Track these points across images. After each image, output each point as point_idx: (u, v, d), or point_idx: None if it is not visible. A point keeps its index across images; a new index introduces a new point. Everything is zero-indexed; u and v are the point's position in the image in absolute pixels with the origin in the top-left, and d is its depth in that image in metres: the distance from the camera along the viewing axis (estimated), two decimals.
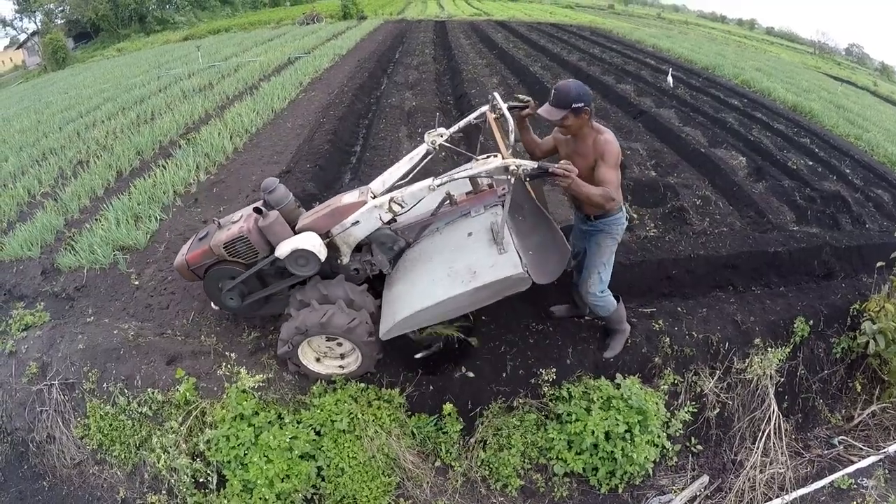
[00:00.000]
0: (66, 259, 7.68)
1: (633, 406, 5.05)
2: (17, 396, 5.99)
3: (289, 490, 4.83)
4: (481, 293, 4.42)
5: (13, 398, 6.02)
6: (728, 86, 19.06)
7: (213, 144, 11.31)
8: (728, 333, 5.86)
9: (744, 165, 10.31)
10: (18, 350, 6.33)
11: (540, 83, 16.01)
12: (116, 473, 5.57)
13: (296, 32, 37.38)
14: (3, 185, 11.31)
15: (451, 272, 4.57)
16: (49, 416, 5.82)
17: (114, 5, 62.60)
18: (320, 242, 4.82)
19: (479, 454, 5.27)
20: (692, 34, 49.91)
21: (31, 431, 5.90)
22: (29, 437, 5.93)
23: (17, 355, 6.28)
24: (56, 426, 5.79)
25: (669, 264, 6.64)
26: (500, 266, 4.42)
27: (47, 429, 5.83)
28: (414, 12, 54.27)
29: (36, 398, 5.90)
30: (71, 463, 5.78)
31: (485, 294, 4.45)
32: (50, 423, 5.82)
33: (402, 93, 15.52)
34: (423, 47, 25.27)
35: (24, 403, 5.93)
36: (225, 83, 18.35)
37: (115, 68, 31.61)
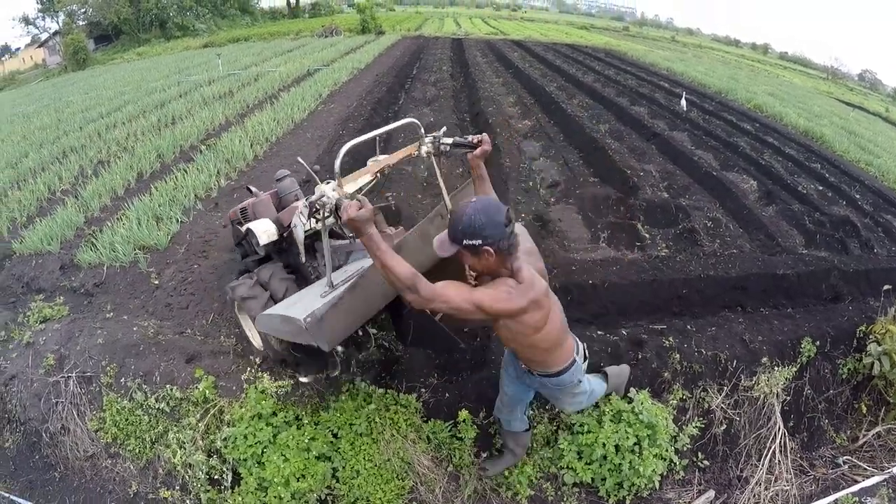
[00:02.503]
0: (86, 255, 7.84)
1: (644, 420, 5.12)
2: (33, 387, 6.09)
3: (304, 490, 4.87)
4: (288, 325, 3.97)
5: (29, 389, 6.11)
6: (741, 110, 19.18)
7: (234, 151, 11.49)
8: (736, 352, 5.91)
9: (755, 189, 10.40)
10: (36, 341, 6.44)
11: (555, 103, 16.15)
12: (129, 467, 5.66)
13: (315, 44, 37.62)
14: (24, 181, 11.58)
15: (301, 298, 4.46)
16: (64, 408, 5.91)
17: (136, 9, 63.10)
18: (268, 230, 5.21)
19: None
20: (706, 58, 49.95)
21: (45, 422, 5.99)
22: (42, 428, 6.02)
23: (35, 346, 6.39)
24: (71, 418, 5.88)
25: (680, 284, 6.74)
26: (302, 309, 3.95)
27: (62, 420, 5.91)
28: (431, 29, 54.59)
29: (52, 390, 5.98)
30: (84, 455, 5.87)
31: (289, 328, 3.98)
32: (65, 414, 5.91)
33: (420, 108, 15.64)
34: (440, 64, 25.41)
35: (40, 394, 6.03)
36: (245, 91, 18.58)
37: (136, 72, 31.89)
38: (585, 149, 11.98)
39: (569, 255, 7.45)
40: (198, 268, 7.54)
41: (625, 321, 6.39)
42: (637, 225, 8.26)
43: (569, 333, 3.93)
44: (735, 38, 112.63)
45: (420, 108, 15.64)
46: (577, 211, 8.75)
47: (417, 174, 10.24)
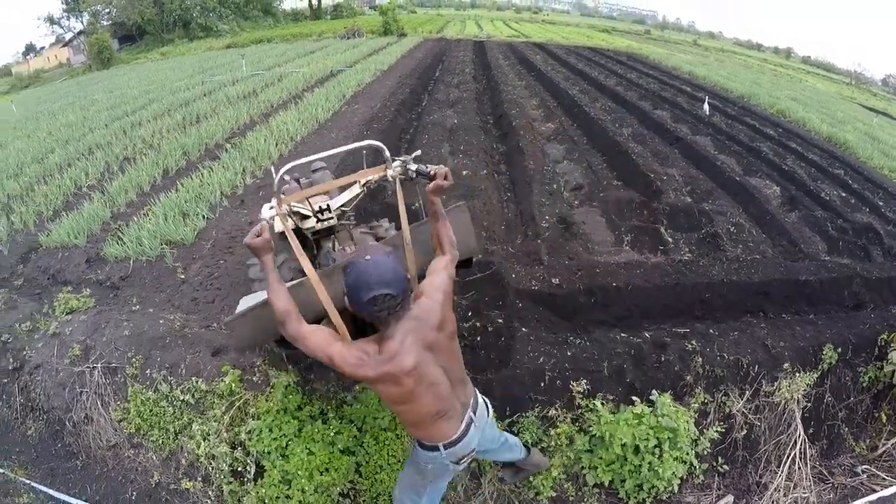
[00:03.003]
0: (113, 249, 7.96)
1: (664, 422, 5.12)
2: (57, 377, 6.16)
3: (328, 483, 4.91)
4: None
5: (53, 378, 6.19)
6: (763, 115, 19.05)
7: (259, 150, 11.62)
8: (758, 357, 5.90)
9: (777, 195, 10.40)
10: (62, 332, 6.51)
11: (578, 106, 16.17)
12: (152, 458, 5.72)
13: (337, 46, 37.76)
14: (50, 176, 11.77)
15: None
16: (89, 398, 5.99)
17: (160, 10, 63.66)
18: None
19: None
20: (728, 62, 49.57)
21: (69, 411, 6.07)
22: (66, 417, 6.10)
23: (61, 337, 6.46)
24: (95, 408, 5.95)
25: (703, 288, 6.76)
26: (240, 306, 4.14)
27: (85, 410, 5.99)
28: (453, 31, 54.55)
29: (77, 379, 6.06)
30: (106, 444, 5.94)
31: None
32: (89, 404, 5.98)
33: (444, 110, 15.70)
34: (462, 66, 25.43)
35: (64, 384, 6.10)
36: (269, 91, 18.72)
37: (160, 71, 32.16)
38: (609, 152, 12.01)
39: (593, 258, 7.50)
40: (224, 263, 7.63)
41: (648, 324, 6.40)
42: (660, 229, 8.29)
43: (445, 421, 3.55)
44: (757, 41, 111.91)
45: (444, 110, 15.70)
46: (600, 214, 8.79)
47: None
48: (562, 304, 6.49)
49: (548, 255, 7.44)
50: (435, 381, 3.39)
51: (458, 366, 3.60)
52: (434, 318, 3.33)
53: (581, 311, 6.45)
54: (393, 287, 3.08)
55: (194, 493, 5.42)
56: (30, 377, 6.39)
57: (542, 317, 6.28)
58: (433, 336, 3.33)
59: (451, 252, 3.67)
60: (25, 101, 34.22)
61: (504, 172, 11.43)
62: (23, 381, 6.48)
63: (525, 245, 7.84)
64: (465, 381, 3.67)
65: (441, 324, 3.36)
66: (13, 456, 6.28)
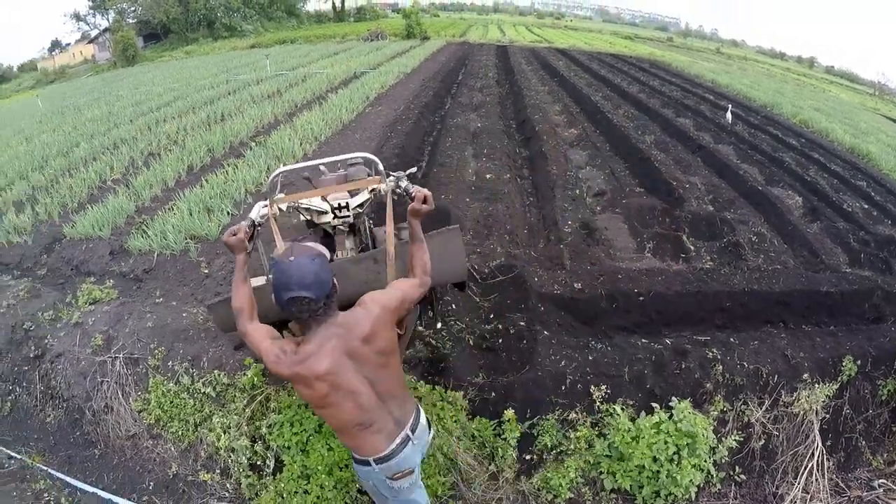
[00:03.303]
0: (137, 242, 8.08)
1: (683, 429, 5.11)
2: (79, 366, 6.26)
3: (346, 479, 4.90)
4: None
5: (74, 367, 6.29)
6: (786, 125, 19.01)
7: (284, 148, 11.73)
8: (778, 367, 5.87)
9: (799, 205, 10.37)
10: (85, 322, 6.63)
11: (601, 112, 16.23)
12: (171, 449, 5.78)
13: (361, 48, 38.01)
14: (75, 169, 11.98)
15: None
16: (109, 388, 6.08)
17: (184, 9, 64.19)
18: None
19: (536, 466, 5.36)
20: (751, 70, 49.37)
21: (89, 400, 6.16)
22: (86, 406, 6.19)
23: (83, 326, 6.57)
24: (115, 397, 6.04)
25: (724, 296, 6.75)
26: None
27: (106, 399, 6.08)
28: (475, 35, 54.71)
29: (98, 369, 6.15)
30: (125, 434, 6.00)
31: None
32: (109, 394, 6.07)
33: (467, 114, 15.81)
34: (485, 70, 25.54)
35: (86, 373, 6.20)
36: (293, 91, 18.88)
37: (184, 69, 32.47)
38: (631, 159, 12.04)
39: (615, 264, 7.55)
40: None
41: (668, 331, 6.40)
42: (682, 236, 8.31)
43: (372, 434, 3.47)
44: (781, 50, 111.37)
45: (467, 114, 15.79)
46: (623, 220, 8.83)
47: (466, 178, 10.37)
48: (583, 308, 6.53)
49: (570, 259, 7.49)
50: (355, 391, 3.32)
51: (392, 381, 3.50)
52: (362, 329, 3.28)
53: (602, 316, 6.48)
54: (312, 291, 3.07)
55: (212, 486, 5.47)
56: (51, 365, 6.51)
57: (564, 321, 6.32)
58: (357, 346, 3.27)
59: (420, 277, 3.61)
60: (51, 96, 34.64)
61: (527, 177, 11.49)
62: (43, 369, 6.60)
63: (547, 249, 7.89)
64: (401, 397, 3.58)
65: (369, 337, 3.29)
66: (31, 443, 6.38)
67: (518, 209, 9.42)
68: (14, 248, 9.06)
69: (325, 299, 3.14)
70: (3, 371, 6.96)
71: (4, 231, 9.39)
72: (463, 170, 10.92)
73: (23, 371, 6.81)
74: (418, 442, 3.63)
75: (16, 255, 8.91)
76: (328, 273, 3.18)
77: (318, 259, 3.16)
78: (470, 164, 11.50)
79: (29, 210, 10.01)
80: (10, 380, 6.90)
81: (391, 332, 3.42)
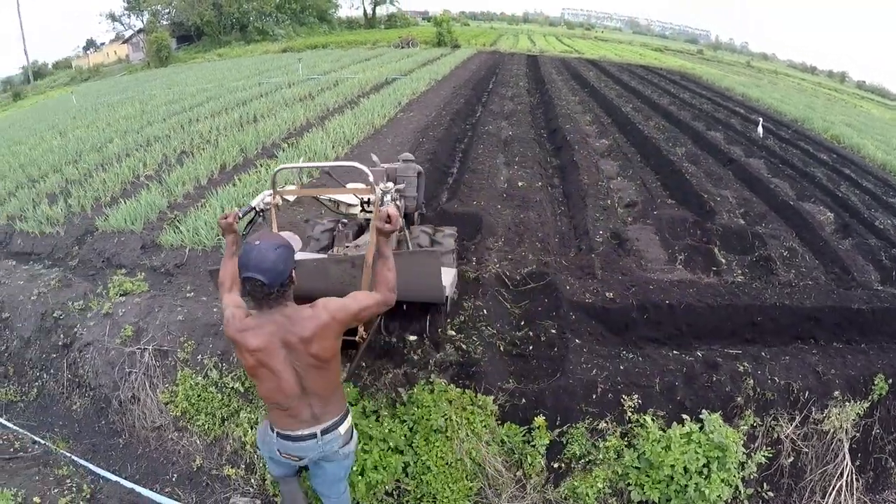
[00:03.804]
0: (169, 237, 8.22)
1: (714, 442, 5.08)
2: (107, 355, 6.36)
3: (377, 481, 4.94)
4: None
5: (103, 356, 6.38)
6: (817, 139, 18.96)
7: (316, 150, 11.88)
8: (809, 383, 5.81)
9: (831, 221, 10.30)
10: (115, 312, 6.72)
11: (632, 124, 16.27)
12: (196, 442, 5.84)
13: (391, 55, 38.25)
14: (108, 164, 12.17)
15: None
16: (137, 378, 6.16)
17: (218, 13, 64.87)
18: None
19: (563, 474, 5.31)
20: (781, 84, 49.10)
21: (116, 390, 6.24)
22: (113, 395, 6.28)
23: (114, 317, 6.67)
24: (143, 388, 6.13)
25: (755, 311, 6.71)
26: None
27: (133, 390, 6.16)
28: (506, 45, 54.93)
29: (127, 359, 6.24)
30: (151, 425, 6.07)
31: None
32: (137, 384, 6.15)
33: (498, 122, 15.89)
34: (516, 80, 25.62)
35: (114, 363, 6.29)
36: (325, 95, 19.03)
37: (217, 71, 32.75)
38: (662, 171, 12.05)
39: (646, 275, 7.53)
40: None
41: (699, 343, 6.39)
42: (714, 249, 8.29)
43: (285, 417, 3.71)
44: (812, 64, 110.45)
45: (498, 122, 15.86)
46: (654, 231, 8.83)
47: (498, 185, 10.41)
48: (614, 318, 6.52)
49: (601, 269, 7.48)
50: (279, 376, 3.51)
51: (322, 382, 3.63)
52: (304, 329, 3.41)
53: (633, 326, 6.48)
54: (266, 276, 3.26)
55: (236, 480, 5.52)
56: (79, 354, 6.63)
57: (595, 330, 6.32)
58: (294, 341, 3.43)
59: (383, 293, 3.62)
60: (85, 93, 35.11)
61: (557, 186, 11.52)
62: (71, 357, 6.72)
63: (579, 258, 7.89)
64: (326, 399, 3.71)
65: (308, 339, 3.41)
66: (56, 429, 6.48)
67: (549, 217, 9.45)
68: (46, 238, 9.24)
69: (279, 287, 3.35)
70: (31, 357, 7.11)
71: (37, 221, 9.56)
72: (495, 177, 10.99)
73: (51, 358, 6.95)
74: (323, 444, 3.77)
75: (48, 245, 9.11)
76: (286, 264, 3.35)
77: (280, 249, 3.35)
78: (501, 171, 11.58)
79: (62, 202, 10.21)
80: (38, 366, 7.05)
81: (333, 342, 3.54)
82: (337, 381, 3.80)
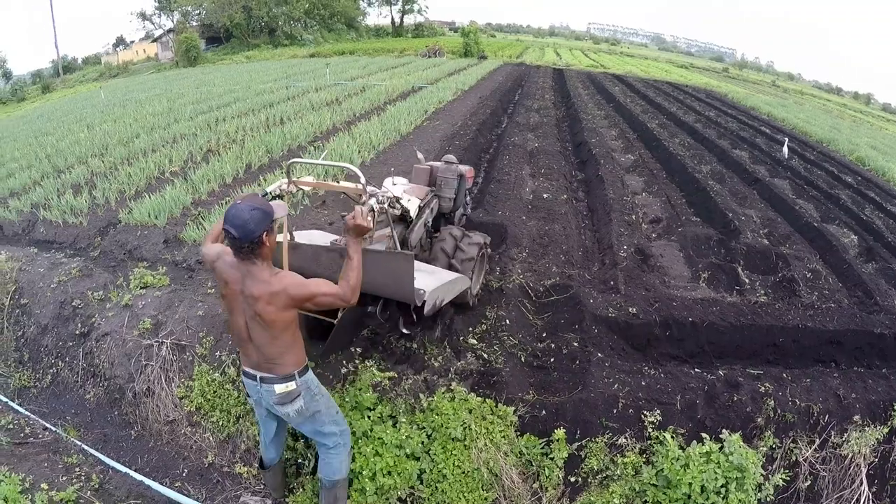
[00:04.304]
0: (192, 233, 8.28)
1: (734, 462, 5.04)
2: (125, 347, 6.41)
3: (389, 486, 4.93)
4: None
5: (120, 347, 6.44)
6: (842, 161, 18.86)
7: (342, 154, 11.90)
8: (829, 406, 5.77)
9: (855, 244, 10.25)
10: (135, 304, 6.79)
11: (657, 140, 16.29)
12: (209, 438, 5.85)
13: (418, 63, 38.44)
14: (134, 158, 12.32)
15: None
16: (153, 371, 6.20)
17: (247, 16, 65.47)
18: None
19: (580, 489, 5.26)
20: (807, 105, 48.77)
21: (131, 382, 6.29)
22: (127, 387, 6.32)
23: (133, 309, 6.73)
24: (158, 382, 6.16)
25: (777, 331, 6.70)
26: None
27: (148, 382, 6.20)
28: (532, 58, 55.20)
29: (144, 352, 6.29)
30: (164, 419, 6.09)
31: None
32: (153, 377, 6.18)
33: (524, 133, 15.94)
34: (542, 92, 25.71)
35: (131, 355, 6.34)
36: (352, 101, 19.18)
37: (245, 73, 33.07)
38: (687, 188, 12.05)
39: (669, 292, 7.53)
40: None
41: (720, 362, 6.37)
42: (737, 268, 8.28)
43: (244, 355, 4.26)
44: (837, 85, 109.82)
45: (524, 133, 15.90)
46: (678, 248, 8.83)
47: (523, 196, 10.44)
48: (637, 333, 6.54)
49: (625, 284, 7.48)
50: (234, 316, 4.05)
51: (267, 342, 4.01)
52: (254, 289, 3.83)
53: (655, 342, 6.50)
54: (237, 231, 3.65)
55: (247, 479, 5.53)
56: (96, 343, 6.68)
57: (617, 344, 6.32)
58: (247, 294, 3.87)
59: (342, 288, 3.88)
60: (113, 88, 35.57)
61: (582, 199, 11.57)
62: (88, 347, 6.78)
63: (602, 272, 7.92)
64: (271, 357, 4.08)
65: (256, 298, 3.83)
66: (67, 417, 6.54)
67: (573, 230, 9.48)
68: (69, 228, 9.34)
69: (249, 244, 3.72)
70: (47, 344, 7.19)
71: (61, 211, 9.69)
72: (520, 188, 11.03)
73: (67, 346, 7.02)
74: (262, 390, 4.21)
75: (70, 234, 9.20)
76: (257, 226, 3.70)
77: (255, 211, 3.71)
78: (527, 182, 11.62)
79: (86, 193, 10.32)
80: (54, 354, 7.13)
81: (284, 314, 3.93)
82: (285, 346, 4.09)
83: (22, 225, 9.88)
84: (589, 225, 10.22)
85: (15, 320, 7.63)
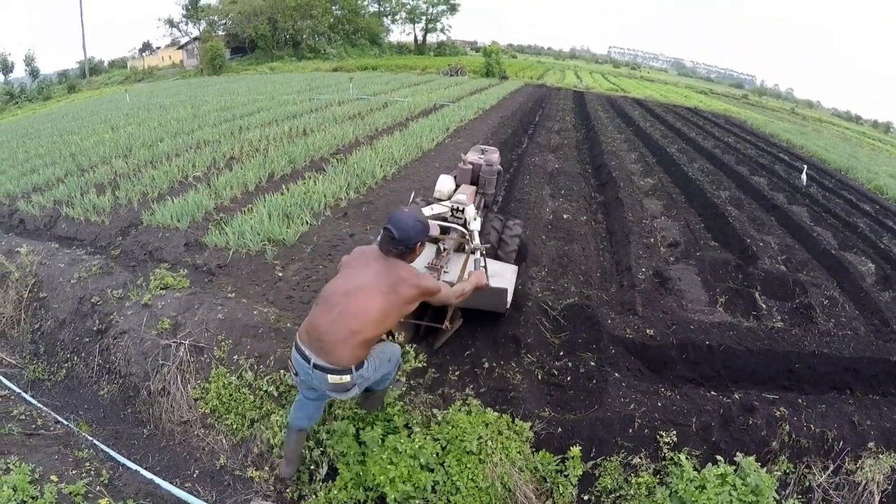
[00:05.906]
0: (213, 237, 8.41)
1: (750, 485, 5.03)
2: (142, 346, 6.47)
3: (405, 492, 4.92)
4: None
5: (137, 346, 6.50)
6: (861, 190, 18.84)
7: (364, 168, 12.08)
8: (844, 432, 5.76)
9: (872, 272, 10.24)
10: (154, 304, 6.87)
11: (676, 165, 16.35)
12: (222, 441, 5.87)
13: (440, 81, 38.75)
14: (158, 161, 12.53)
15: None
16: (169, 371, 6.24)
17: (273, 28, 66.14)
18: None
19: None
20: (826, 132, 48.71)
21: (147, 380, 6.34)
22: (142, 385, 6.38)
23: (152, 309, 6.81)
24: (174, 382, 6.20)
25: (794, 357, 6.72)
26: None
27: (164, 382, 6.24)
28: (552, 79, 55.56)
29: (161, 352, 6.33)
30: (178, 419, 6.13)
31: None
32: (169, 377, 6.22)
33: (545, 154, 16.10)
34: (563, 114, 25.89)
35: (147, 354, 6.40)
36: (375, 116, 19.40)
37: (269, 84, 33.44)
38: (706, 213, 12.09)
39: (686, 315, 7.57)
40: (322, 269, 7.93)
41: (735, 386, 6.39)
42: (755, 294, 8.30)
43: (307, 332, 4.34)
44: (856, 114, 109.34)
45: (544, 154, 16.04)
46: (696, 272, 8.84)
47: (543, 216, 10.51)
48: (654, 355, 6.58)
49: (642, 306, 7.53)
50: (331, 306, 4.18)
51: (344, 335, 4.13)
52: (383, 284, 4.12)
53: (672, 364, 6.54)
54: (397, 232, 4.10)
55: (258, 483, 5.53)
56: (113, 341, 6.77)
57: (633, 365, 6.36)
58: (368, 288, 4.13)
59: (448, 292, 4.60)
60: (138, 92, 35.99)
61: (601, 221, 11.64)
62: (104, 344, 6.87)
63: (620, 294, 7.98)
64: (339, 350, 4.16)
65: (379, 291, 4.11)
66: (80, 412, 6.62)
67: (592, 252, 9.58)
68: (91, 225, 9.52)
69: (403, 247, 4.17)
70: (63, 339, 7.30)
71: (84, 209, 9.87)
72: (540, 208, 11.13)
73: (83, 342, 7.12)
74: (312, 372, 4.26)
75: (92, 232, 9.39)
76: (416, 233, 4.20)
77: (418, 223, 4.24)
78: (547, 203, 11.71)
79: (109, 193, 10.51)
80: (70, 348, 7.23)
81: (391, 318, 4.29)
82: (363, 352, 4.29)
83: (44, 220, 10.06)
84: (608, 246, 10.30)
85: (32, 313, 7.75)
